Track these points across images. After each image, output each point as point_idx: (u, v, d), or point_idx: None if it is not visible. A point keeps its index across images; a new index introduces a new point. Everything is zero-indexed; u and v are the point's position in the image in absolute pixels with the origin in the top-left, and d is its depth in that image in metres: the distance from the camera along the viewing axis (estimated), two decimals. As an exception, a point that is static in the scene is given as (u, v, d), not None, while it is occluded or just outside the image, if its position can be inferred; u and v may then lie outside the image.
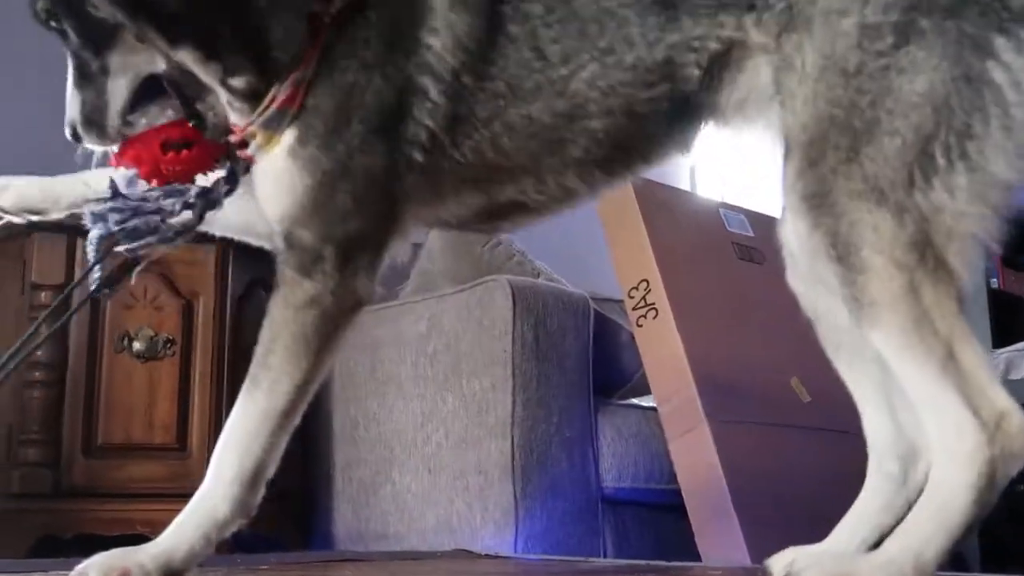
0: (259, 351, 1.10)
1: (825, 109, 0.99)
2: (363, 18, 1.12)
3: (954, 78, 0.93)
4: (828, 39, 1.00)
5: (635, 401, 2.27)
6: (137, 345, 2.18)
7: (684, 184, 3.91)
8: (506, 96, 1.13)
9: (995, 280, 5.20)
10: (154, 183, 1.18)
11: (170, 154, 1.20)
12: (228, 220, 1.24)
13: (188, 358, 2.24)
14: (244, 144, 1.16)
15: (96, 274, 1.20)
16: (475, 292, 2.15)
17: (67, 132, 1.23)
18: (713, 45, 1.08)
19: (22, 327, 2.08)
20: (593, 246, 2.53)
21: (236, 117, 1.14)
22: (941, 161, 0.91)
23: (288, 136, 1.13)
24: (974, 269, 0.94)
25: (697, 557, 1.91)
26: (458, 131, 1.13)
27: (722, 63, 1.09)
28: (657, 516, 2.16)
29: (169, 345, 2.21)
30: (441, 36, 1.10)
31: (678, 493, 1.95)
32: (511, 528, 1.96)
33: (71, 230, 2.06)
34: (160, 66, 1.19)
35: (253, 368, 1.10)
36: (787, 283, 1.20)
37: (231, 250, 2.23)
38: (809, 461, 1.95)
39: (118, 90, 1.21)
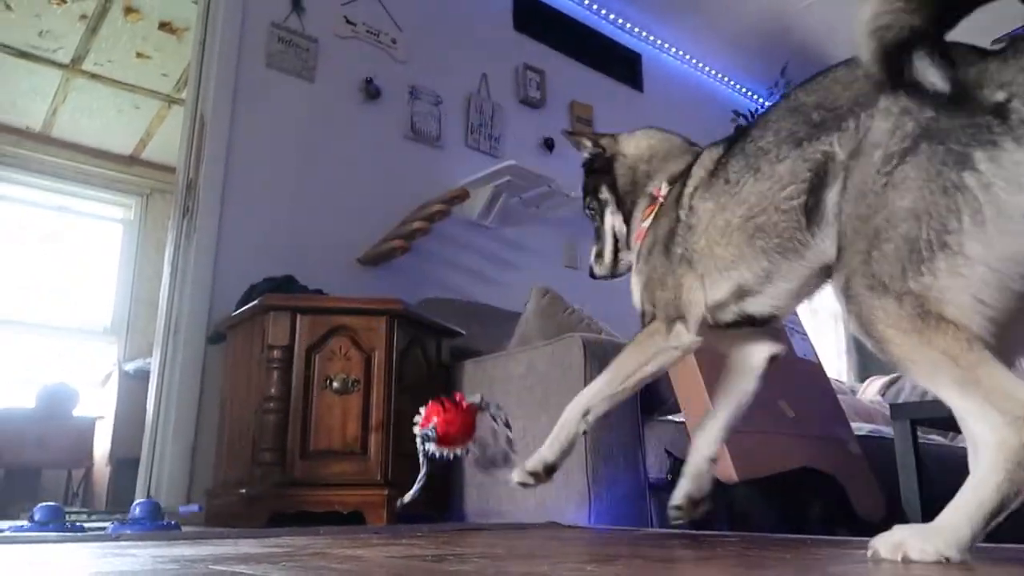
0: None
1: (854, 223, 1.08)
2: (666, 199, 1.54)
3: (932, 192, 0.98)
4: (866, 167, 1.07)
5: (670, 417, 2.45)
6: (335, 384, 2.54)
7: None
8: (713, 209, 1.37)
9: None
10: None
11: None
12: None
13: (368, 392, 2.57)
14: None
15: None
16: (559, 345, 2.44)
17: (588, 272, 1.74)
18: (818, 157, 1.18)
19: (262, 373, 2.57)
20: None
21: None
22: (926, 254, 0.98)
23: (634, 259, 1.57)
24: (985, 320, 0.96)
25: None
26: (691, 236, 1.41)
27: (824, 170, 1.17)
28: (687, 497, 2.24)
29: (356, 384, 2.55)
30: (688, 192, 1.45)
31: (702, 480, 2.12)
32: (586, 506, 2.22)
33: (293, 310, 2.59)
34: (619, 226, 1.69)
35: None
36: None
37: (395, 320, 2.63)
38: (792, 455, 2.15)
39: (607, 242, 1.72)
